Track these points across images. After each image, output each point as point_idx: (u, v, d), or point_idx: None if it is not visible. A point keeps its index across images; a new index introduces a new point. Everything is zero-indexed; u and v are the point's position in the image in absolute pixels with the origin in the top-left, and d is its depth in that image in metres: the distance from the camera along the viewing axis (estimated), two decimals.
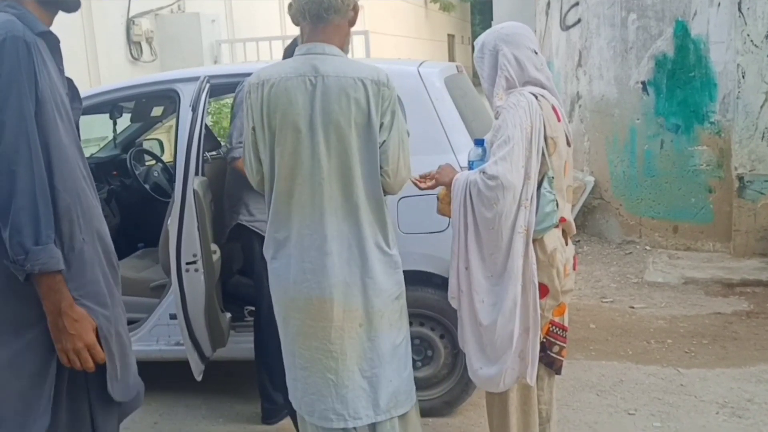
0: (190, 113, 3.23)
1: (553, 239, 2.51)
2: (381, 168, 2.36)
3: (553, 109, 2.53)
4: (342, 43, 2.41)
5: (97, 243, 2.05)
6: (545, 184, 2.46)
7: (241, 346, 3.54)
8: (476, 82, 3.25)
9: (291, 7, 2.39)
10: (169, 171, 4.94)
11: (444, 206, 2.64)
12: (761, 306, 4.84)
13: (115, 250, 2.16)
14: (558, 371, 2.66)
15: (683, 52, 5.89)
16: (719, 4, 5.65)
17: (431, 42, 23.24)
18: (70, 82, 2.15)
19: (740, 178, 5.65)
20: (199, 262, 3.19)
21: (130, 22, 7.85)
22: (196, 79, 3.40)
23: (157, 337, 3.62)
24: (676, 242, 6.10)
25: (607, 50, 6.44)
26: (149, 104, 4.59)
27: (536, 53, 2.54)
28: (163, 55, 8.37)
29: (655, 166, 6.13)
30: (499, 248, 2.43)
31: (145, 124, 4.99)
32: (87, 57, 7.26)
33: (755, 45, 5.52)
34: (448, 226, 3.13)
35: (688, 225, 6.04)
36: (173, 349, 3.56)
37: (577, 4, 6.93)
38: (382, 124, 2.33)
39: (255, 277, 3.33)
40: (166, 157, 5.28)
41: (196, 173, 3.19)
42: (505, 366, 2.48)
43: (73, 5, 2.09)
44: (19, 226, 1.82)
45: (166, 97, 4.08)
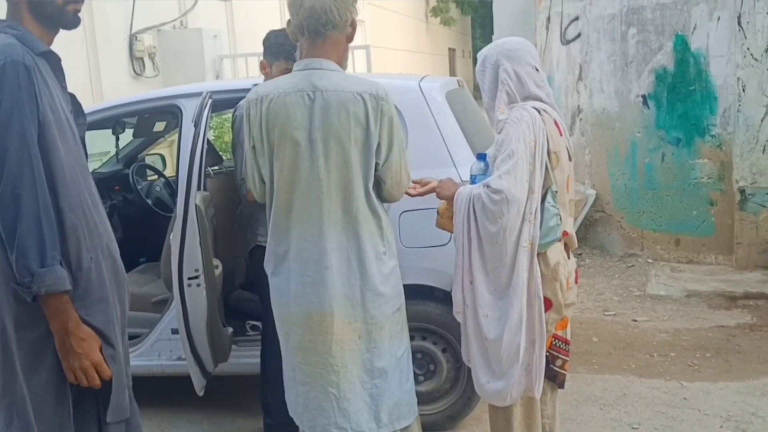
0: (193, 128, 3.24)
1: (556, 253, 2.51)
2: (384, 181, 2.40)
3: (555, 123, 2.54)
4: (340, 59, 2.42)
5: (106, 260, 2.07)
6: (549, 198, 2.47)
7: (243, 360, 3.53)
8: (477, 96, 3.26)
9: (290, 23, 2.41)
10: (171, 186, 4.95)
11: (444, 220, 2.65)
12: (764, 319, 4.83)
13: None
14: (561, 385, 2.66)
15: (683, 66, 5.91)
16: (719, 18, 5.68)
17: (432, 56, 23.33)
18: (72, 97, 2.16)
19: (742, 191, 5.65)
20: (201, 277, 3.19)
21: (132, 38, 7.89)
22: (198, 94, 3.42)
23: (159, 352, 3.62)
24: (678, 255, 6.10)
25: (608, 64, 6.47)
26: (152, 119, 4.61)
27: (537, 70, 2.56)
28: (165, 70, 8.40)
29: (657, 179, 6.13)
30: (504, 263, 2.44)
31: (147, 139, 5.01)
32: (90, 73, 7.30)
33: (755, 59, 5.54)
34: (449, 240, 3.13)
35: (689, 238, 6.04)
36: (175, 364, 3.56)
37: (577, 18, 6.96)
38: (380, 139, 2.34)
39: (262, 294, 3.33)
40: (168, 172, 5.30)
41: (198, 188, 3.19)
42: (512, 380, 2.48)
43: (71, 23, 2.09)
44: (25, 249, 1.85)
45: (169, 112, 4.10)
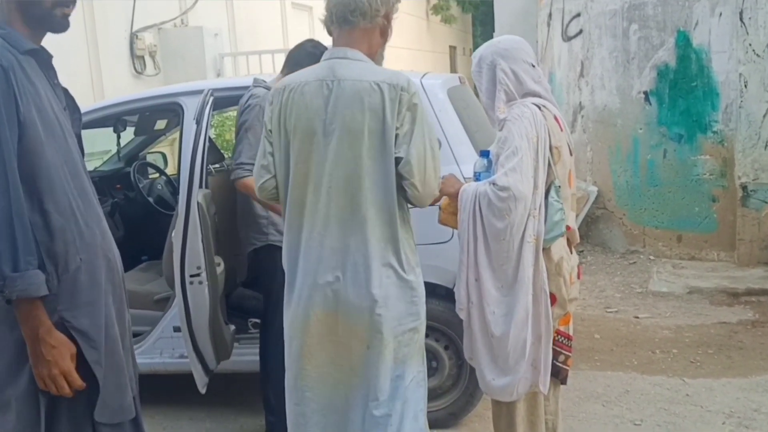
0: (194, 126, 3.24)
1: (560, 248, 2.52)
2: (405, 179, 2.18)
3: (555, 118, 2.55)
4: (371, 51, 2.30)
5: (100, 261, 2.04)
6: (552, 193, 2.48)
7: (245, 358, 3.53)
8: (478, 93, 3.26)
9: (324, 15, 2.36)
10: (172, 184, 4.95)
11: (446, 216, 2.64)
12: (766, 315, 4.83)
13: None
14: (564, 381, 2.66)
15: (685, 62, 5.90)
16: (720, 14, 5.67)
17: (433, 54, 23.29)
18: (65, 92, 2.13)
19: (744, 187, 5.64)
20: (203, 275, 3.18)
21: (133, 37, 7.88)
22: (199, 92, 3.41)
23: (161, 350, 3.62)
24: (680, 252, 6.09)
25: (609, 60, 6.46)
26: (153, 118, 4.60)
27: (533, 66, 2.57)
28: (166, 68, 8.39)
29: (659, 176, 6.12)
30: (510, 258, 2.44)
31: (148, 137, 5.00)
32: (90, 71, 7.29)
33: (757, 54, 5.53)
34: (452, 237, 3.13)
35: (692, 234, 6.03)
36: (177, 362, 3.56)
37: (578, 15, 6.95)
38: (398, 131, 2.17)
39: (264, 292, 3.32)
40: (170, 170, 5.29)
41: (200, 186, 3.19)
42: (519, 375, 2.49)
43: (60, 26, 2.04)
44: None
45: (170, 110, 4.09)
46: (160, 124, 4.80)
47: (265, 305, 3.32)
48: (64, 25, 2.06)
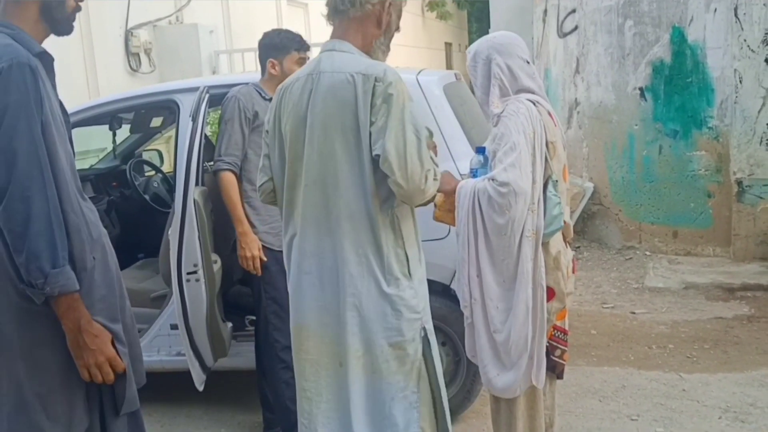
0: (190, 123, 3.24)
1: (557, 242, 2.54)
2: (388, 177, 2.02)
3: (549, 114, 2.57)
4: (364, 42, 2.18)
5: (107, 257, 2.08)
6: (550, 187, 2.49)
7: (243, 355, 3.53)
8: (473, 88, 3.26)
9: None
10: (168, 181, 4.94)
11: (442, 213, 2.64)
12: (762, 310, 4.84)
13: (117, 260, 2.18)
14: (560, 375, 2.67)
15: (680, 58, 5.91)
16: (715, 10, 5.68)
17: (429, 50, 23.28)
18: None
19: (739, 183, 5.66)
20: (200, 272, 3.18)
21: (128, 34, 7.86)
22: (195, 89, 3.41)
23: (158, 348, 3.61)
24: (676, 247, 6.11)
25: (605, 57, 6.46)
26: (148, 115, 4.60)
27: (528, 62, 2.58)
28: (161, 66, 8.38)
29: (654, 172, 6.14)
30: (511, 254, 2.45)
31: (144, 135, 4.99)
32: (86, 69, 7.27)
33: (752, 50, 5.54)
34: (448, 234, 3.13)
35: (687, 230, 6.04)
36: (174, 360, 3.56)
37: (573, 11, 6.95)
38: (373, 127, 2.02)
39: (254, 288, 3.32)
40: (166, 168, 5.29)
41: (197, 183, 3.19)
42: (521, 371, 2.50)
43: (69, 30, 2.10)
44: (37, 251, 1.85)
45: (166, 107, 4.09)
46: (156, 122, 4.80)
47: (257, 303, 3.31)
48: (70, 29, 2.12)
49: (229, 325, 3.47)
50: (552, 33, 7.50)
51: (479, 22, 22.83)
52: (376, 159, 2.03)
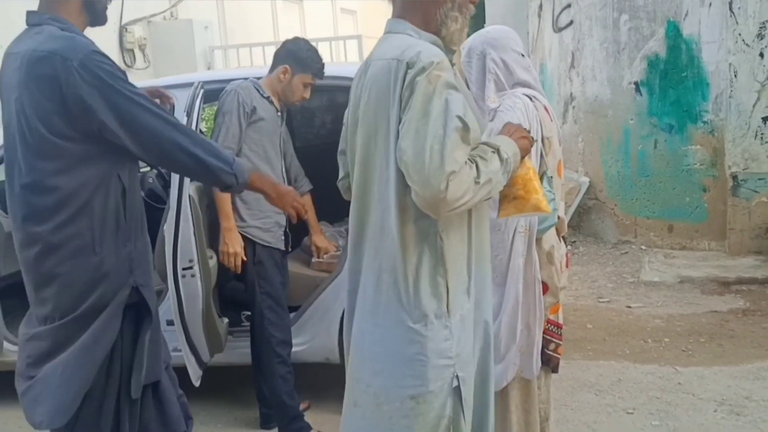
0: (185, 119, 3.23)
1: (551, 238, 2.54)
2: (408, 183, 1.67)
3: (545, 109, 2.56)
4: (425, 18, 1.82)
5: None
6: (545, 183, 2.48)
7: (239, 351, 3.53)
8: (468, 84, 3.26)
9: None
10: (163, 177, 4.92)
11: None
12: (757, 303, 4.86)
13: None
14: (555, 369, 2.67)
15: (675, 53, 5.91)
16: (710, 4, 5.68)
17: None
18: None
19: (734, 177, 5.67)
20: (196, 268, 3.18)
21: (122, 30, 7.84)
22: (189, 85, 3.40)
23: None
24: (672, 241, 6.12)
25: (600, 51, 6.46)
26: None
27: (523, 55, 2.58)
28: (156, 62, 8.36)
29: (650, 166, 6.14)
30: (505, 249, 2.45)
31: None
32: None
33: (746, 44, 5.54)
34: None
35: (683, 224, 6.05)
36: (171, 355, 3.55)
37: (569, 5, 6.95)
38: (401, 124, 1.68)
39: (248, 283, 3.32)
40: None
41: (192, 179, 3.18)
42: (510, 362, 2.50)
43: (102, 20, 2.22)
44: (214, 165, 2.12)
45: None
46: None
47: (251, 298, 3.31)
48: (106, 19, 2.26)
49: (225, 320, 3.47)
50: (547, 28, 7.50)
51: (474, 18, 22.75)
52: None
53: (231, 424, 3.63)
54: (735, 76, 5.60)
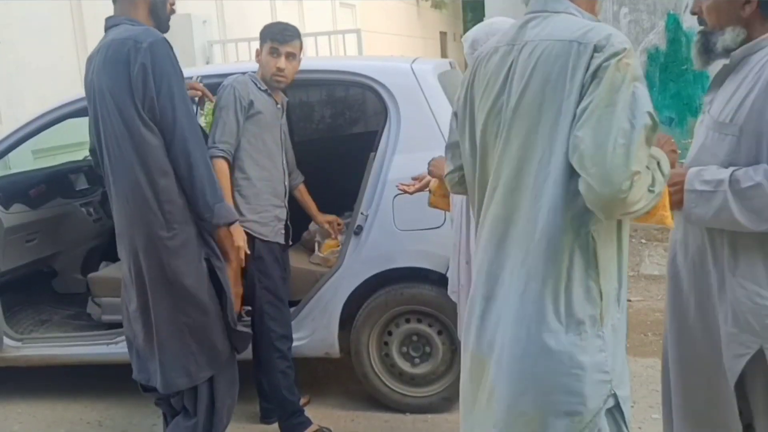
0: None
1: None
2: (579, 174, 1.51)
3: None
4: (591, 4, 1.71)
5: None
6: None
7: None
8: None
9: None
10: None
11: (437, 198, 2.64)
12: None
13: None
14: None
15: (675, 46, 5.90)
16: None
17: (423, 40, 23.22)
18: None
19: None
20: None
21: None
22: (188, 79, 3.38)
23: None
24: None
25: None
26: None
27: None
28: None
29: None
30: None
31: None
32: (78, 60, 7.22)
33: None
34: (443, 223, 3.14)
35: None
36: None
37: None
38: (580, 107, 1.52)
39: (247, 278, 3.31)
40: None
41: None
42: None
43: (165, 28, 2.50)
44: (202, 190, 2.36)
45: None
46: None
47: (251, 293, 3.30)
48: (168, 27, 2.55)
49: None
50: None
51: (474, 11, 22.78)
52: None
53: (232, 418, 3.63)
54: None
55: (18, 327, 3.93)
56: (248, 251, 3.14)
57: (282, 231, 3.30)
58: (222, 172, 3.05)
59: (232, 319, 2.52)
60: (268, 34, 3.26)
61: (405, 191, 2.79)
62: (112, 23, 2.39)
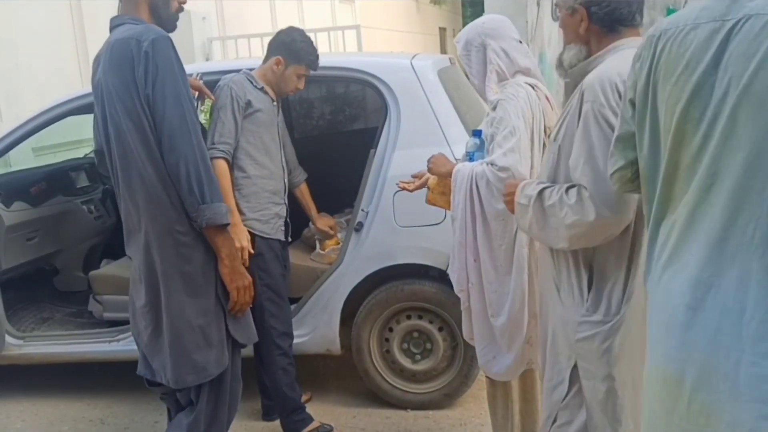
0: None
1: None
2: None
3: (546, 98, 2.55)
4: None
5: None
6: None
7: None
8: (468, 75, 3.25)
9: None
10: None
11: (435, 196, 2.63)
12: None
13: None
14: None
15: None
16: None
17: (423, 36, 23.21)
18: None
19: None
20: None
21: None
22: (188, 76, 3.38)
23: None
24: None
25: None
26: None
27: (520, 42, 2.58)
28: None
29: None
30: (508, 239, 2.44)
31: None
32: (78, 57, 7.22)
33: None
34: (444, 219, 3.14)
35: None
36: None
37: None
38: None
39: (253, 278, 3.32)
40: None
41: None
42: (518, 353, 2.50)
43: (171, 27, 2.47)
44: (190, 189, 2.29)
45: None
46: None
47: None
48: (175, 26, 2.50)
49: None
50: (546, 16, 7.47)
51: (473, 7, 22.76)
52: None
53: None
54: None
55: (20, 325, 3.94)
56: (251, 251, 3.16)
57: (282, 228, 3.31)
58: (223, 172, 3.05)
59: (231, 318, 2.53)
60: (305, 59, 3.23)
61: (405, 189, 2.79)
62: (116, 23, 2.43)
